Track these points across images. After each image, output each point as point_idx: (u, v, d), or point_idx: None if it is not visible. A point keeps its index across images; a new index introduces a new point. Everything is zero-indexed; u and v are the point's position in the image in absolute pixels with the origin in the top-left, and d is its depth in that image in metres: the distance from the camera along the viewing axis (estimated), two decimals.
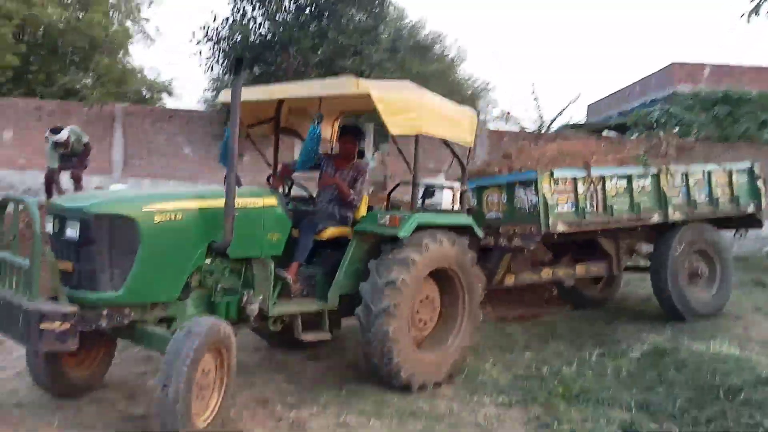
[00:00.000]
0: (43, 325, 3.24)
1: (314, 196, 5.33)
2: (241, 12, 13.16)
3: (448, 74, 27.87)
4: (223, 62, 13.23)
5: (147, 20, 20.04)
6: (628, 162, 6.73)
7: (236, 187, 3.92)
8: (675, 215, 6.67)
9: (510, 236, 6.24)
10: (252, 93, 5.05)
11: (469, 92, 30.24)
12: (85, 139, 9.29)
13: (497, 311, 7.56)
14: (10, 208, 3.78)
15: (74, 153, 9.07)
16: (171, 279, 3.87)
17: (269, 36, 12.84)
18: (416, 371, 4.65)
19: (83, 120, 13.26)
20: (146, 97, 19.30)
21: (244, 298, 4.16)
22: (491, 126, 17.04)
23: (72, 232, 3.58)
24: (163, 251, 3.77)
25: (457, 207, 5.46)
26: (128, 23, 19.34)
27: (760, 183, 7.29)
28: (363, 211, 5.13)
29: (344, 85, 4.44)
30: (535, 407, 4.52)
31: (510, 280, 6.57)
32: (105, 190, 4.84)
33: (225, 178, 4.05)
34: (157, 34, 27.62)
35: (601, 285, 7.91)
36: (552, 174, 6.03)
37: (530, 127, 14.45)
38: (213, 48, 13.25)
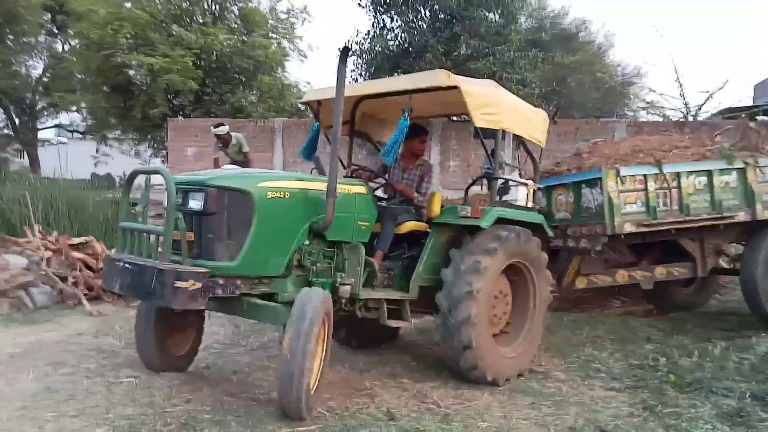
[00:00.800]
0: (178, 284, 3.53)
1: (394, 194, 5.41)
2: (381, 25, 14.24)
3: (593, 62, 26.87)
4: (365, 74, 14.40)
5: (301, 38, 22.00)
6: (711, 156, 6.31)
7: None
8: (765, 213, 6.19)
9: (577, 237, 6.14)
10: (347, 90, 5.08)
11: (619, 79, 28.87)
12: (246, 149, 10.30)
13: (625, 306, 7.70)
14: (141, 180, 4.15)
15: (236, 162, 9.89)
16: (279, 254, 4.13)
17: (405, 45, 13.74)
18: (492, 362, 4.75)
19: (250, 134, 15.09)
20: (302, 109, 21.16)
21: (338, 280, 4.39)
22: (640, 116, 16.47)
23: (195, 203, 3.87)
24: (273, 226, 4.04)
25: (530, 204, 5.51)
26: (284, 42, 21.32)
27: None
28: (437, 208, 5.12)
29: (435, 79, 4.60)
30: (645, 393, 4.79)
31: (582, 283, 6.47)
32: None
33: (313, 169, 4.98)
34: (309, 50, 29.90)
35: (693, 289, 7.56)
36: (618, 172, 5.87)
37: (676, 115, 13.88)
38: (356, 61, 14.46)
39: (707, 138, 7.00)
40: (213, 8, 20.20)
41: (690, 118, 13.86)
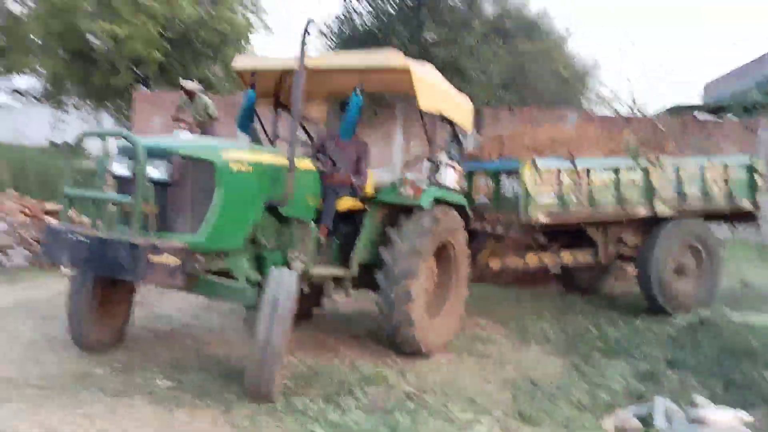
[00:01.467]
0: (154, 258, 3.31)
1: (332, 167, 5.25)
2: (350, 9, 14.60)
3: (552, 52, 27.67)
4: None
5: (266, 13, 22.04)
6: (620, 152, 6.60)
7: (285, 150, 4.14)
8: (663, 210, 6.58)
9: (493, 223, 6.38)
10: (278, 62, 5.03)
11: (575, 71, 29.86)
12: (212, 111, 9.43)
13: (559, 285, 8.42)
14: (98, 142, 3.89)
15: (199, 123, 9.29)
16: (240, 228, 3.98)
17: (373, 29, 14.15)
18: (427, 335, 4.97)
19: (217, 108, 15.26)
20: None
21: (291, 256, 4.33)
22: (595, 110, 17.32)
23: (158, 172, 3.60)
24: (236, 199, 3.87)
25: (458, 187, 5.72)
26: (250, 16, 21.30)
27: (758, 179, 7.00)
28: (370, 189, 5.23)
29: (388, 60, 4.66)
30: (575, 356, 5.49)
31: (495, 264, 6.70)
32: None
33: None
34: (275, 26, 29.76)
35: (594, 273, 7.90)
36: (535, 164, 6.02)
37: (623, 110, 14.79)
38: (325, 43, 14.82)
39: (618, 133, 7.29)
40: None
41: (638, 114, 14.81)
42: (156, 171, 3.60)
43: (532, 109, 14.47)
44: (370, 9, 14.40)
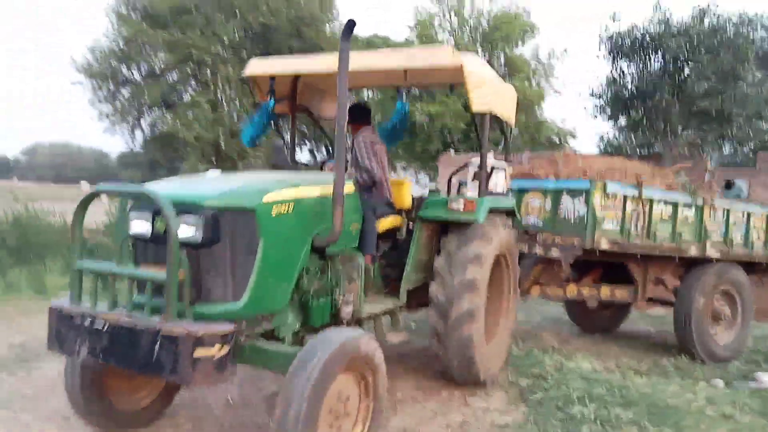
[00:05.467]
0: (200, 352, 2.64)
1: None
2: (618, 71, 16.09)
3: None
4: (602, 113, 16.41)
5: (557, 78, 24.48)
6: (675, 188, 6.38)
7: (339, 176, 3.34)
8: (711, 251, 6.38)
9: (548, 246, 5.93)
10: (298, 64, 4.62)
11: None
12: None
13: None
14: (110, 202, 3.37)
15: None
16: (286, 282, 3.35)
17: (635, 88, 15.34)
18: (486, 361, 4.53)
19: None
20: (556, 141, 23.65)
21: (340, 299, 3.68)
22: None
23: (191, 231, 2.91)
24: (280, 249, 3.25)
25: (505, 189, 5.24)
26: (543, 83, 24.01)
27: None
28: (407, 199, 4.76)
29: (439, 56, 4.15)
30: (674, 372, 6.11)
31: (535, 292, 6.47)
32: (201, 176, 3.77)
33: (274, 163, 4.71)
34: (562, 87, 31.56)
35: (609, 313, 7.57)
36: (605, 187, 5.72)
37: None
38: (598, 102, 16.57)
39: (669, 172, 7.06)
40: (482, 56, 24.04)
41: None
42: (186, 230, 2.92)
43: None
44: (634, 71, 15.67)
